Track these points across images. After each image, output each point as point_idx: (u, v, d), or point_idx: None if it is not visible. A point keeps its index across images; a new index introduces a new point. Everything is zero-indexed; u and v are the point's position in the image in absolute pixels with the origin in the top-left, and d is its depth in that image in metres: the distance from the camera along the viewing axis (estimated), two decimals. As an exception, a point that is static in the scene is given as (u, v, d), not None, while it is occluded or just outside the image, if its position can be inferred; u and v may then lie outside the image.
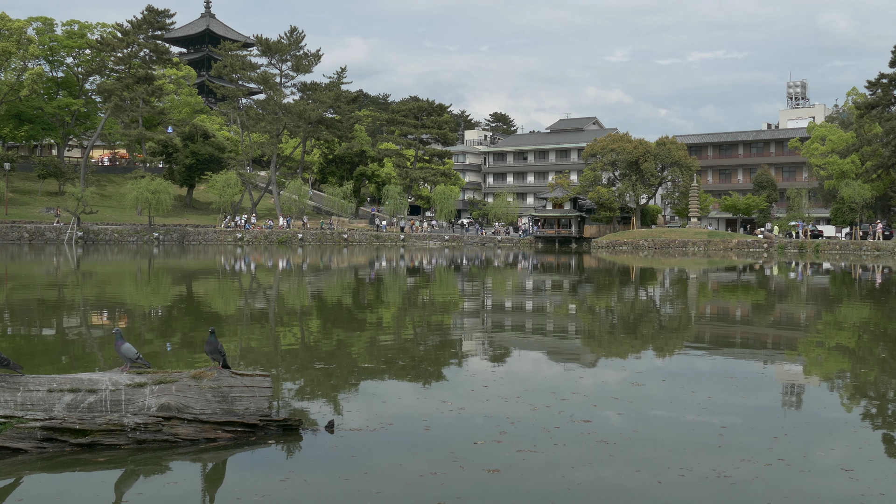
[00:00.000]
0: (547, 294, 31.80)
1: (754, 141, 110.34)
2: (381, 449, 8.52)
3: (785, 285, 38.03)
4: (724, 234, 78.46)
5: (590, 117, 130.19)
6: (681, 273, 45.86)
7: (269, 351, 15.82)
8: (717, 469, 7.90)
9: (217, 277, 38.36)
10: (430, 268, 47.52)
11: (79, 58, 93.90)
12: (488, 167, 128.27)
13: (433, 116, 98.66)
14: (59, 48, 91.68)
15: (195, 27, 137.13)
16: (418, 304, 26.50)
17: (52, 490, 7.15)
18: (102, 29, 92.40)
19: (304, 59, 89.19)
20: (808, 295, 32.13)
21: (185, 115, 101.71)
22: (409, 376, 13.03)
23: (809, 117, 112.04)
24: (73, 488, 7.22)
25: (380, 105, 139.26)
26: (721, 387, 12.30)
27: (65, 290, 29.33)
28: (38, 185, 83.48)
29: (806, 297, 31.27)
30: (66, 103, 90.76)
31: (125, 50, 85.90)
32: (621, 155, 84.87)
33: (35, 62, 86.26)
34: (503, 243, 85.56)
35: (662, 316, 23.79)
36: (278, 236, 76.59)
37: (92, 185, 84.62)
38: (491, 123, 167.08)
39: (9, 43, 76.50)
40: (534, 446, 8.59)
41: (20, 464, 7.61)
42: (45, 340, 16.87)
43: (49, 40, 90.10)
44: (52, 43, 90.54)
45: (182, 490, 7.22)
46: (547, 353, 15.81)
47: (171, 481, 7.45)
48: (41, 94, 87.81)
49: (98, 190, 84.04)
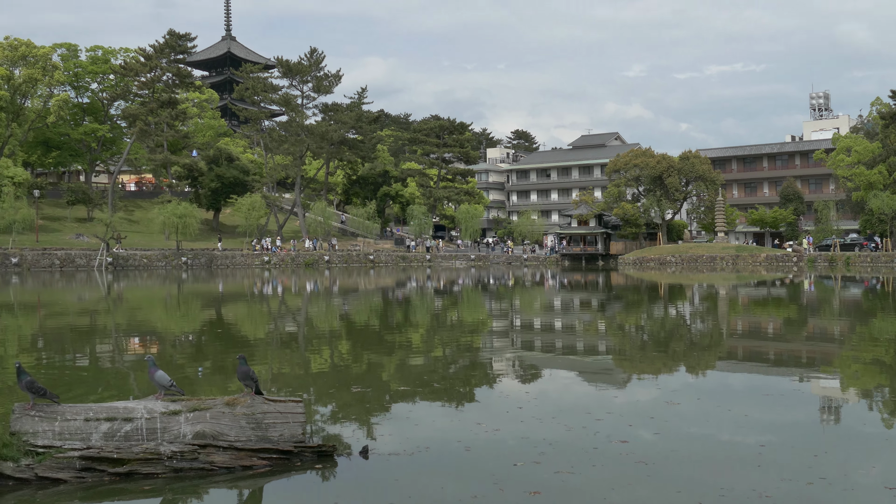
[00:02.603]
0: (576, 312, 31.65)
1: (779, 153, 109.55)
2: (419, 473, 8.47)
3: (818, 299, 37.60)
4: (753, 249, 77.72)
5: (611, 133, 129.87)
6: (711, 289, 45.50)
7: (301, 374, 15.84)
8: (757, 489, 7.78)
9: (246, 301, 38.54)
10: (457, 288, 47.49)
11: (103, 83, 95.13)
12: (511, 185, 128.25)
13: (454, 135, 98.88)
14: (84, 74, 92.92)
15: (216, 50, 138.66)
16: (448, 325, 26.46)
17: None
18: (125, 54, 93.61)
19: (325, 80, 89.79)
20: (842, 309, 31.74)
21: (208, 139, 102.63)
22: (442, 398, 12.98)
23: (834, 128, 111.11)
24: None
25: (401, 124, 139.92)
26: (757, 404, 12.14)
27: (97, 317, 29.57)
28: (67, 211, 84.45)
29: (839, 310, 30.89)
30: (93, 129, 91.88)
31: (148, 74, 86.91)
32: (645, 170, 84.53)
33: (61, 88, 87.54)
34: (529, 262, 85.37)
35: (694, 333, 23.58)
36: (305, 259, 76.89)
37: (120, 210, 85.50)
38: (512, 141, 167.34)
39: (34, 70, 77.64)
40: (572, 468, 8.51)
41: (61, 494, 7.62)
42: (80, 368, 16.99)
43: (74, 66, 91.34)
44: (77, 69, 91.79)
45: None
46: (579, 373, 15.69)
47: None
48: (68, 120, 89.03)
49: (126, 215, 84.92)
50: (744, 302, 35.69)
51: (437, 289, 46.30)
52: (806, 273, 56.81)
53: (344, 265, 77.34)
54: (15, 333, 23.81)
